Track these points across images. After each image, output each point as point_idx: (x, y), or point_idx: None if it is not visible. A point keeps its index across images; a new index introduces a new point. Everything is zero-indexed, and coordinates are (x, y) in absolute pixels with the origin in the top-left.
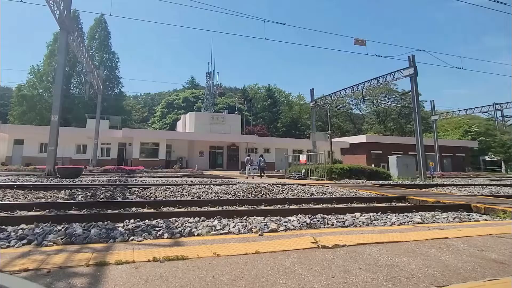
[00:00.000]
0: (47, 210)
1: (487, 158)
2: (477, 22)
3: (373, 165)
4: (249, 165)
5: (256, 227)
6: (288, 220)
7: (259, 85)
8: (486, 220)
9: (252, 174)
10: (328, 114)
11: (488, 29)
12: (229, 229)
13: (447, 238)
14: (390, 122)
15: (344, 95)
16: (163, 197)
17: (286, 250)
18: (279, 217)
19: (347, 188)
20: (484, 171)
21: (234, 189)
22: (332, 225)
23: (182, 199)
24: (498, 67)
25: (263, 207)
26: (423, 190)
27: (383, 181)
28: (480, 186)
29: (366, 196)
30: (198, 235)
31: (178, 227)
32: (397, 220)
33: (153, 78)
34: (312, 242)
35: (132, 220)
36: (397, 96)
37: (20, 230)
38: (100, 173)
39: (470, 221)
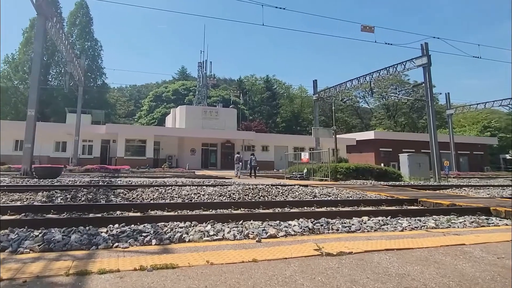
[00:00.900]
0: (23, 214)
1: (507, 156)
2: (497, 6)
3: (382, 164)
4: (238, 164)
5: (253, 232)
6: (289, 224)
7: (257, 76)
8: (506, 225)
9: (239, 173)
10: (333, 108)
11: (509, 14)
12: (224, 234)
13: (464, 244)
14: (401, 117)
15: (350, 87)
16: (151, 200)
17: (286, 258)
18: (278, 221)
19: (353, 189)
20: (504, 171)
21: (229, 191)
22: (337, 230)
23: (171, 201)
24: None
25: (261, 211)
26: (437, 191)
27: (393, 182)
28: (500, 187)
29: (374, 199)
30: (189, 241)
31: (167, 233)
32: (409, 225)
33: (139, 68)
34: (315, 249)
35: (116, 225)
36: (409, 88)
37: None
38: (82, 173)
39: (489, 226)
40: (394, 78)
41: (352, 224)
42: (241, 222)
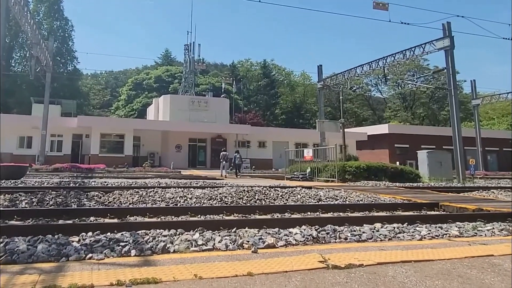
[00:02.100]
0: None
1: None
2: None
3: (397, 163)
4: (223, 162)
5: (248, 241)
6: (289, 232)
7: (252, 60)
8: None
9: (224, 172)
10: (340, 97)
11: None
12: (214, 244)
13: (492, 256)
14: (420, 108)
15: (360, 74)
16: (130, 204)
17: (286, 271)
18: (277, 229)
19: (364, 192)
20: None
21: (220, 194)
22: (345, 239)
23: (154, 206)
24: None
25: (258, 217)
26: (461, 194)
27: (411, 183)
28: None
29: (388, 203)
30: (174, 251)
31: (149, 242)
32: (428, 233)
33: (117, 52)
34: (320, 261)
35: (90, 233)
36: (428, 74)
37: None
38: (50, 173)
39: None
40: (411, 63)
41: (363, 232)
42: (234, 229)
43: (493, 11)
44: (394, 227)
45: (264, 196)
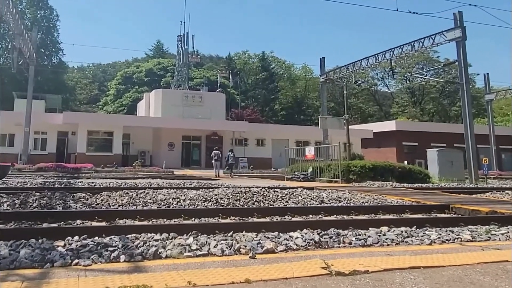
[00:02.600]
0: None
1: None
2: None
3: (405, 162)
4: (215, 161)
5: (246, 246)
6: (290, 237)
7: (250, 52)
8: None
9: (218, 172)
10: (345, 92)
11: None
12: (209, 249)
13: (507, 261)
14: (429, 103)
15: (366, 67)
16: (119, 206)
17: (287, 278)
18: (277, 232)
19: (370, 193)
20: None
21: (215, 195)
22: (350, 243)
23: (144, 208)
24: None
25: (256, 220)
26: (473, 196)
27: (420, 184)
28: None
29: (396, 205)
30: (166, 257)
31: (140, 247)
32: (439, 237)
33: (105, 43)
34: (323, 267)
35: (76, 237)
36: (438, 67)
37: None
38: (33, 173)
39: None
40: (420, 56)
41: (369, 236)
42: (230, 233)
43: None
44: (401, 231)
45: (262, 198)
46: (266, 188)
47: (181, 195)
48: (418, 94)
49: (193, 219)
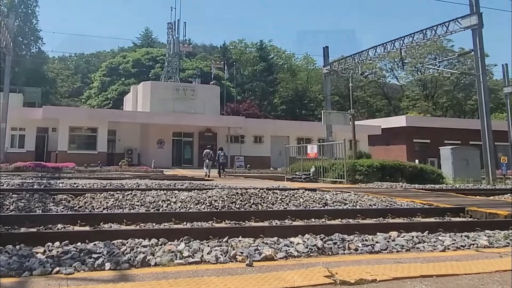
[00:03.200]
0: None
1: None
2: None
3: (416, 161)
4: (207, 160)
5: (242, 253)
6: (290, 242)
7: (247, 41)
8: None
9: (209, 172)
10: (350, 84)
11: None
12: (202, 256)
13: None
14: (443, 97)
15: (373, 57)
16: (104, 209)
17: None
18: (276, 238)
19: (378, 195)
20: None
21: (209, 197)
22: (356, 250)
23: (132, 211)
24: None
25: (253, 224)
26: (491, 198)
27: (432, 185)
28: None
29: (406, 207)
30: (155, 265)
31: (126, 253)
32: (453, 243)
33: (88, 31)
34: (326, 276)
35: (57, 243)
36: (453, 57)
37: None
38: (10, 173)
39: None
40: (433, 45)
41: (376, 242)
42: (226, 239)
43: None
44: (412, 236)
45: (260, 200)
46: (265, 190)
47: (172, 197)
48: (430, 87)
49: (185, 223)
